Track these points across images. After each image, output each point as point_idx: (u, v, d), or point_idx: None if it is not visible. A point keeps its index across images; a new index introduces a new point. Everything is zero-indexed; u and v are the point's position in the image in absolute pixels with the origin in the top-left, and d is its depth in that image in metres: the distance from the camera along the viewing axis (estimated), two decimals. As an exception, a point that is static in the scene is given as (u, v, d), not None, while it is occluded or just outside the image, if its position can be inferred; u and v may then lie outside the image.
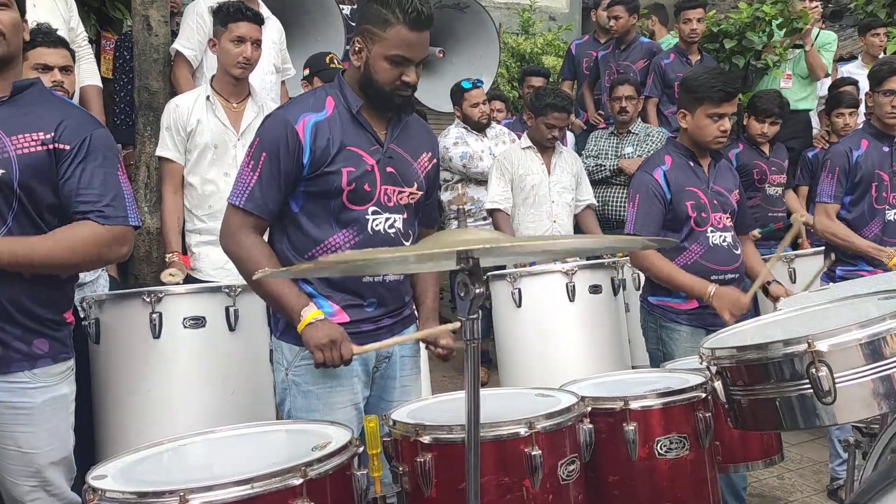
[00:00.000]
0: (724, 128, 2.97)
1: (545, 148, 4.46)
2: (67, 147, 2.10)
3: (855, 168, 3.50)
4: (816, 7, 5.93)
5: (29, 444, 2.11)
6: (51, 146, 2.08)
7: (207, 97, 3.39)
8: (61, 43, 3.10)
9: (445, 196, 4.99)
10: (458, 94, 5.04)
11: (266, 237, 2.22)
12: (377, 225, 2.16)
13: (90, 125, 2.18)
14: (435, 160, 2.36)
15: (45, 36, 3.03)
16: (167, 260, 3.41)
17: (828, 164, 3.59)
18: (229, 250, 2.16)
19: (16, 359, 2.09)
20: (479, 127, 4.98)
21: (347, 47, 5.31)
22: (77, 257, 2.10)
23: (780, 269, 4.06)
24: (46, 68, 3.01)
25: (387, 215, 2.18)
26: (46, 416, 2.14)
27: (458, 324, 1.87)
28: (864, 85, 5.03)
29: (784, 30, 5.98)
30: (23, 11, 2.15)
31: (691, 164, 3.07)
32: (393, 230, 2.19)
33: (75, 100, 3.28)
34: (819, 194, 3.60)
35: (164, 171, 3.50)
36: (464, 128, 5.02)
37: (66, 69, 3.11)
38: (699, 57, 5.81)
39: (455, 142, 4.95)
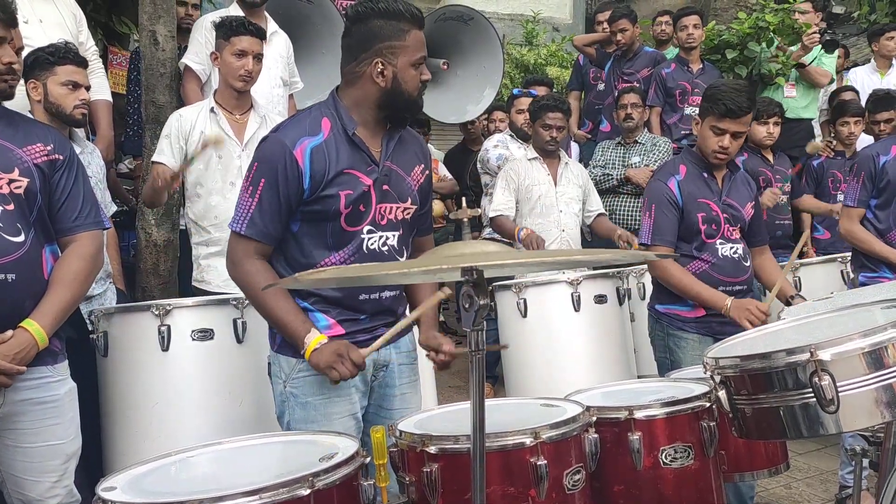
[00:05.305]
0: (724, 144, 2.96)
1: (550, 157, 4.48)
2: (61, 157, 2.28)
3: (881, 173, 3.48)
4: (814, 32, 5.87)
5: (57, 435, 2.24)
6: (52, 157, 2.25)
7: (211, 109, 3.43)
8: (85, 63, 3.21)
9: (484, 202, 5.03)
10: (510, 100, 5.29)
11: None
12: (372, 244, 2.17)
13: (66, 138, 2.41)
14: (427, 172, 2.36)
15: (75, 56, 3.14)
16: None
17: (854, 169, 3.60)
18: (236, 279, 2.18)
19: (48, 362, 2.24)
20: (524, 136, 5.02)
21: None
22: (92, 273, 2.33)
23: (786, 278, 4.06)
24: (76, 86, 3.10)
25: (381, 233, 2.18)
26: (67, 406, 2.29)
27: (448, 290, 1.90)
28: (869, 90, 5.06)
29: (784, 37, 5.97)
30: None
31: (705, 175, 3.07)
32: (386, 248, 2.20)
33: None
34: (844, 198, 3.62)
35: None
36: (509, 135, 5.16)
37: (88, 88, 3.24)
38: (701, 66, 5.82)
39: (496, 144, 5.12)
